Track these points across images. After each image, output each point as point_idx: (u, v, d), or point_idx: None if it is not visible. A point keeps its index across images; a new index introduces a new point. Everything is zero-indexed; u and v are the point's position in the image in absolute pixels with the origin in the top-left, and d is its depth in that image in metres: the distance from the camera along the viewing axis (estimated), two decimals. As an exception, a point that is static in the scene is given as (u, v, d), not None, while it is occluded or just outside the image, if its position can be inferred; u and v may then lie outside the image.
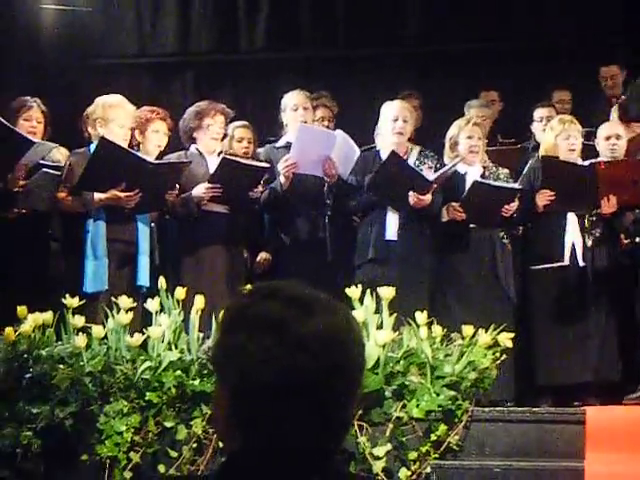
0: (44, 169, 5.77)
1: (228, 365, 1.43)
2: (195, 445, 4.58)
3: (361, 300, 4.81)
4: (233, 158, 5.90)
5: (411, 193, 5.66)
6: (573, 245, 5.84)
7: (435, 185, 5.70)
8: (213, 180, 5.76)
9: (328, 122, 6.69)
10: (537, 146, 6.39)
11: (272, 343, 1.39)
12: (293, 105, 6.17)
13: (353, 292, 4.83)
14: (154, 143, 6.05)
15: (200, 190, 5.77)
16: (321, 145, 5.88)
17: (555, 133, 5.98)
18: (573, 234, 5.86)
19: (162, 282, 5.06)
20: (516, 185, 5.96)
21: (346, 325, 1.43)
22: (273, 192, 5.96)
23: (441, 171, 5.76)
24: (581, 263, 5.80)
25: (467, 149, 5.90)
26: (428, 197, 5.70)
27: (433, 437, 4.51)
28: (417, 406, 4.53)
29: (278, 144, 6.24)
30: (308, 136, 5.89)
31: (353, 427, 4.50)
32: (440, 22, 7.82)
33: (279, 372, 1.37)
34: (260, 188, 5.88)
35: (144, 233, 5.79)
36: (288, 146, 6.05)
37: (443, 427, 4.51)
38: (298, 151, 5.85)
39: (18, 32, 7.65)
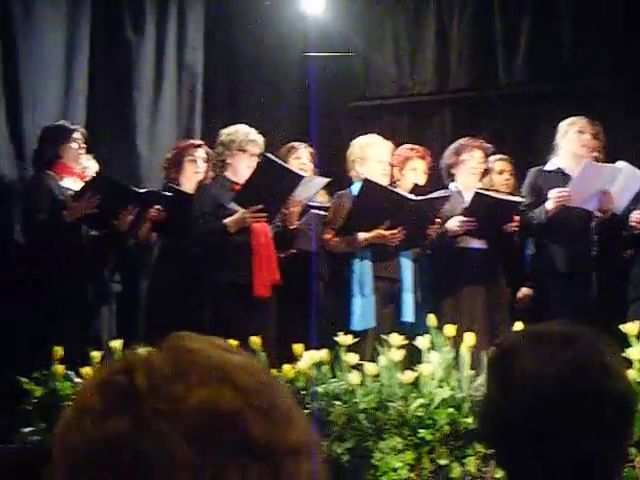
0: (312, 210, 5.98)
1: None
2: (469, 484, 4.56)
3: (638, 337, 4.63)
4: (486, 192, 5.88)
5: None
6: None
7: None
8: (467, 213, 5.78)
9: (599, 153, 6.50)
10: None
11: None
12: (576, 129, 6.01)
13: (629, 328, 4.66)
14: (411, 181, 6.14)
15: (454, 223, 5.80)
16: (603, 181, 5.73)
17: None
18: None
19: (432, 319, 5.09)
20: None
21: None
22: (535, 217, 5.85)
23: None
24: None
25: None
26: None
27: None
28: None
29: (547, 167, 6.07)
30: (593, 173, 5.74)
31: (634, 469, 4.33)
32: None
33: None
34: (515, 223, 5.81)
35: (408, 270, 5.88)
36: (558, 171, 5.93)
37: None
38: (577, 186, 5.71)
39: (283, 79, 7.99)
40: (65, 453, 0.89)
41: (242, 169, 5.72)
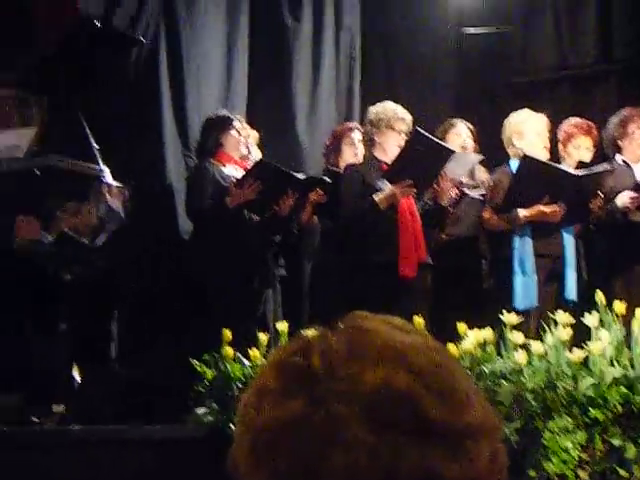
0: (470, 196, 5.92)
1: None
2: (647, 464, 4.42)
3: None
4: None
5: None
6: None
7: None
8: (638, 188, 5.59)
9: None
10: None
11: None
12: None
13: None
14: (575, 159, 5.97)
15: (624, 199, 5.62)
16: None
17: None
18: None
19: (600, 296, 4.96)
20: None
21: None
22: None
23: None
24: None
25: None
26: None
27: None
28: None
29: None
30: None
31: None
32: None
33: None
34: None
35: (570, 246, 5.73)
36: None
37: None
38: None
39: (440, 57, 7.92)
40: (246, 433, 0.91)
41: (391, 147, 5.68)
